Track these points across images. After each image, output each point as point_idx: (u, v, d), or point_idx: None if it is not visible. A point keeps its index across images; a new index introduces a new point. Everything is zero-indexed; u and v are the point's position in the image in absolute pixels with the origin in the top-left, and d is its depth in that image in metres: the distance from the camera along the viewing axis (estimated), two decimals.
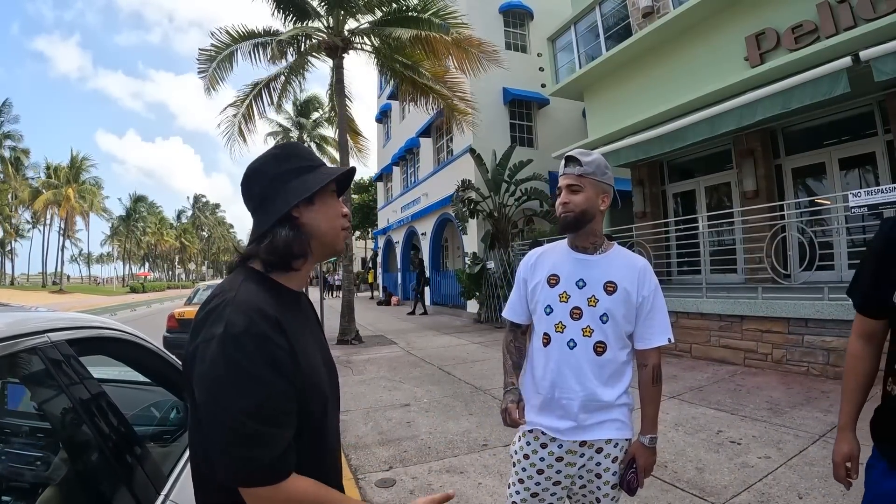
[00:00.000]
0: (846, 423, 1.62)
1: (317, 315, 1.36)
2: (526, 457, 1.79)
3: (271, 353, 0.94)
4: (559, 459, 1.74)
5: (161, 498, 1.44)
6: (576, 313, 1.71)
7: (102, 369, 1.98)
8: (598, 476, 1.72)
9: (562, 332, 1.72)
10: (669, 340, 1.75)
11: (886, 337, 1.54)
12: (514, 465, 1.85)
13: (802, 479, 3.33)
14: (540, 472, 1.75)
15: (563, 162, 1.78)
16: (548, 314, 1.75)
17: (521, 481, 1.79)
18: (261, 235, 1.10)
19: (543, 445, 1.76)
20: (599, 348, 1.69)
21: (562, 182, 1.76)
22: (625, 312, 1.70)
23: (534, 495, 1.77)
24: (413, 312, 17.27)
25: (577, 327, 1.70)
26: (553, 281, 1.77)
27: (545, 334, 1.76)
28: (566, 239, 1.85)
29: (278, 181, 1.11)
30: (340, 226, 1.18)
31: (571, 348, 1.70)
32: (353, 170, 1.24)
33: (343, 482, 3.56)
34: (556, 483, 1.76)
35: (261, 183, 1.12)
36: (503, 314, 1.99)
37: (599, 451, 1.71)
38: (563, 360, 1.71)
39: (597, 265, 1.74)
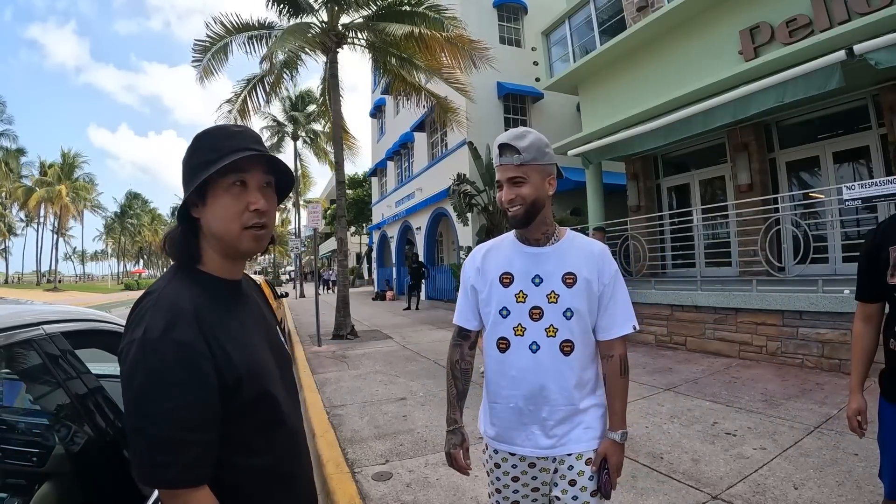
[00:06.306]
0: (855, 386, 1.99)
1: (264, 297, 1.35)
2: (497, 465, 1.67)
3: (189, 360, 0.93)
4: (532, 466, 1.63)
5: (157, 492, 1.43)
6: (535, 313, 1.56)
7: (98, 364, 1.97)
8: (573, 483, 1.58)
9: (522, 336, 1.57)
10: (634, 328, 1.63)
11: (882, 318, 1.94)
12: (489, 473, 1.73)
13: (798, 469, 3.35)
14: (515, 479, 1.65)
15: (495, 150, 1.59)
16: (504, 317, 1.60)
17: (498, 490, 1.69)
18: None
19: (512, 454, 1.64)
20: (567, 348, 1.56)
21: (500, 175, 1.57)
22: (588, 304, 1.57)
23: (515, 502, 1.68)
24: (409, 307, 17.26)
25: (539, 328, 1.56)
26: (506, 280, 1.61)
27: (502, 339, 1.61)
28: (513, 231, 1.69)
29: (185, 177, 1.07)
30: (241, 224, 1.06)
31: (534, 351, 1.56)
32: (246, 158, 1.05)
33: (339, 476, 3.53)
34: (535, 489, 1.65)
35: (182, 176, 1.10)
36: (454, 321, 1.79)
37: (570, 454, 1.59)
38: (525, 366, 1.57)
39: (551, 257, 1.60)
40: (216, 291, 1.08)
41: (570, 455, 1.58)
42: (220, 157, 1.03)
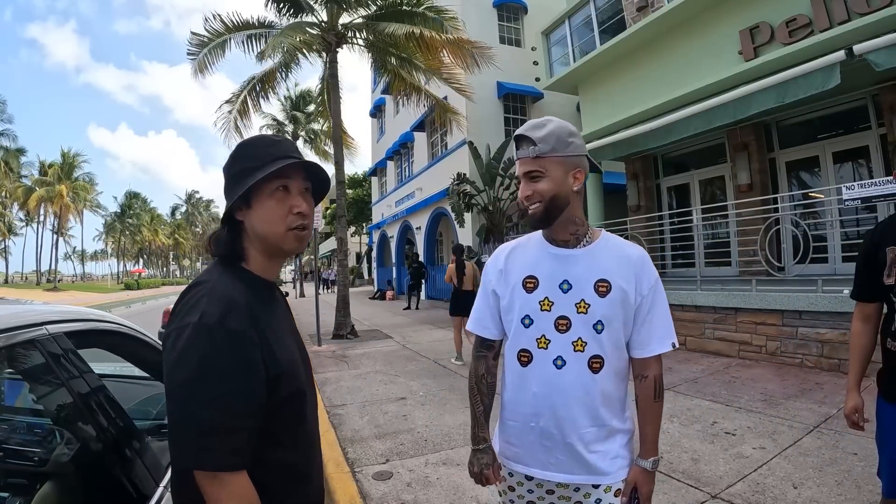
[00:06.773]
0: (853, 385, 2.01)
1: (287, 305, 1.39)
2: (511, 488, 1.53)
3: (242, 350, 0.98)
4: (550, 492, 1.47)
5: (160, 489, 1.44)
6: (562, 324, 1.38)
7: (100, 364, 1.98)
8: None
9: (545, 349, 1.39)
10: (674, 346, 1.43)
11: (880, 318, 1.95)
12: (501, 493, 1.58)
13: (797, 469, 3.36)
14: (530, 503, 1.51)
15: (513, 143, 1.43)
16: (527, 326, 1.42)
17: None
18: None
19: (529, 478, 1.49)
20: (596, 364, 1.37)
21: (518, 170, 1.41)
22: (623, 317, 1.39)
23: None
24: (409, 307, 17.27)
25: (566, 341, 1.38)
26: (530, 284, 1.42)
27: (524, 351, 1.43)
28: (541, 230, 1.49)
29: (228, 183, 1.15)
30: (286, 226, 1.12)
31: (559, 367, 1.38)
32: (288, 166, 1.12)
33: (339, 475, 3.54)
34: None
35: (224, 182, 1.17)
36: (468, 327, 1.62)
37: (596, 486, 1.43)
38: (549, 383, 1.39)
39: (581, 260, 1.41)
40: (257, 290, 1.14)
41: (597, 487, 1.42)
42: (263, 165, 1.10)
